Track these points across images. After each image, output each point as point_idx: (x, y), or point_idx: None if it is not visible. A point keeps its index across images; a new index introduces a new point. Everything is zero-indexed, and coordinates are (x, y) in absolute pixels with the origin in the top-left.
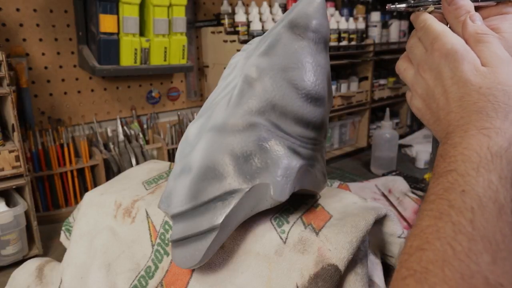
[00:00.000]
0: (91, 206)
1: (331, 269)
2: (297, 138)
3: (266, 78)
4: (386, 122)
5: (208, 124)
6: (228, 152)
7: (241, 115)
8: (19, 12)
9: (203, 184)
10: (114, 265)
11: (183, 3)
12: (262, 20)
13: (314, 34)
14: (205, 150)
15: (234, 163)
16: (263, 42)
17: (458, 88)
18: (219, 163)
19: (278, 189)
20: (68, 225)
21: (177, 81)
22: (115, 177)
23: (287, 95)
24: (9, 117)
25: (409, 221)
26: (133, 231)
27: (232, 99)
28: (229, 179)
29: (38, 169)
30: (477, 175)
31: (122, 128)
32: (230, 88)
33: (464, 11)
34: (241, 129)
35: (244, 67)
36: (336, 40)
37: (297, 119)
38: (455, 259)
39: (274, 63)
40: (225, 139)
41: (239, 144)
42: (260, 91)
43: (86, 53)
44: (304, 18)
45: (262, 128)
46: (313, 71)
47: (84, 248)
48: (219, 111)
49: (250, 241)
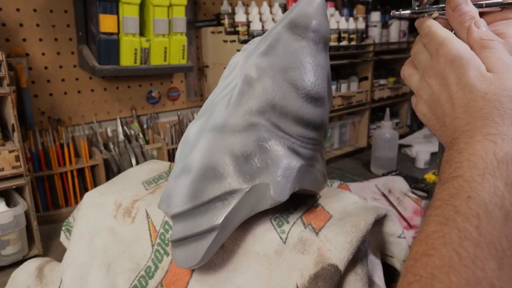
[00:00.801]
0: (91, 206)
1: (331, 269)
2: (297, 138)
3: (266, 78)
4: (386, 122)
5: (208, 124)
6: (228, 152)
7: (241, 115)
8: (19, 12)
9: (203, 184)
10: (114, 265)
11: (183, 3)
12: (262, 20)
13: (314, 34)
14: (205, 150)
15: (234, 163)
16: (263, 42)
17: (464, 94)
18: (219, 163)
19: (278, 189)
20: (68, 225)
21: (177, 81)
22: (115, 177)
23: (287, 95)
24: (9, 117)
25: (409, 221)
26: (133, 231)
27: (232, 99)
28: (229, 179)
29: (38, 169)
30: (483, 181)
31: (122, 128)
32: (230, 88)
33: (468, 17)
34: (241, 129)
35: (244, 67)
36: (336, 40)
37: (297, 119)
38: (461, 266)
39: (274, 63)
40: (225, 139)
41: (239, 144)
42: (260, 91)
43: (86, 53)
44: (304, 18)
45: (262, 128)
46: (313, 71)
47: (84, 248)
48: (219, 111)
49: (250, 241)
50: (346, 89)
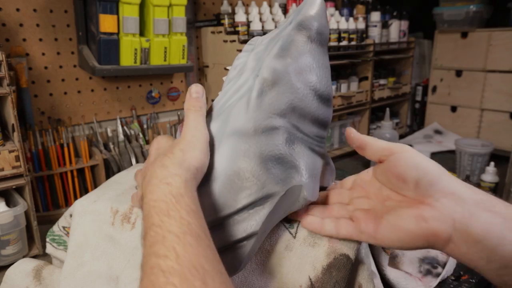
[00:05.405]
0: (85, 215)
1: (343, 258)
2: (314, 138)
3: (284, 81)
4: (386, 122)
5: (227, 129)
6: (257, 156)
7: (263, 118)
8: (19, 12)
9: (233, 191)
10: (122, 277)
11: (183, 3)
12: (262, 20)
13: (320, 36)
14: (230, 156)
15: (264, 167)
16: (273, 44)
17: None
18: (248, 169)
19: (310, 189)
20: (53, 234)
21: (177, 81)
22: (104, 183)
23: (304, 97)
24: (9, 117)
25: None
26: (134, 238)
27: (251, 103)
28: (262, 183)
29: (38, 169)
30: (170, 218)
31: (122, 128)
32: (244, 91)
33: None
34: (266, 133)
35: (256, 69)
36: (336, 40)
37: (313, 119)
38: None
39: (289, 65)
40: (251, 143)
41: (267, 147)
42: (280, 94)
43: (86, 53)
44: (312, 21)
45: (285, 130)
46: (324, 72)
47: (82, 261)
48: (237, 115)
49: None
50: (346, 89)
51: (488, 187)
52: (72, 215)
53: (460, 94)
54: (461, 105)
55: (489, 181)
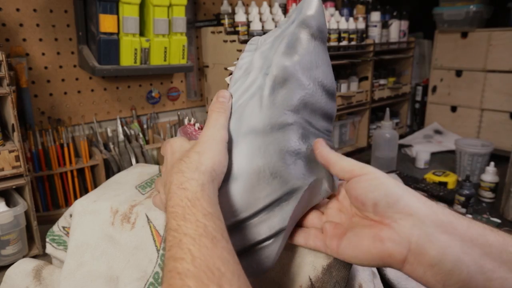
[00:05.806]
0: (85, 215)
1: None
2: (324, 133)
3: (295, 78)
4: (386, 122)
5: (242, 128)
6: (277, 152)
7: (278, 115)
8: (19, 12)
9: (258, 189)
10: (122, 277)
11: (183, 3)
12: (262, 20)
13: (321, 34)
14: (249, 154)
15: (286, 162)
16: (279, 42)
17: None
18: (271, 165)
19: (330, 182)
20: (52, 234)
21: (177, 81)
22: (104, 183)
23: (315, 93)
24: (9, 117)
25: None
26: (134, 237)
27: (264, 101)
28: (286, 179)
29: (38, 169)
30: (185, 222)
31: (122, 128)
32: (255, 89)
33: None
34: (282, 129)
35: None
36: (336, 40)
37: (323, 114)
38: None
39: (298, 62)
40: (268, 141)
41: (284, 143)
42: (291, 90)
43: (86, 53)
44: (311, 20)
45: (299, 126)
46: (328, 68)
47: (83, 260)
48: (252, 114)
49: None
50: (346, 89)
51: (488, 187)
52: (72, 215)
53: (460, 94)
54: (461, 105)
55: (489, 181)
